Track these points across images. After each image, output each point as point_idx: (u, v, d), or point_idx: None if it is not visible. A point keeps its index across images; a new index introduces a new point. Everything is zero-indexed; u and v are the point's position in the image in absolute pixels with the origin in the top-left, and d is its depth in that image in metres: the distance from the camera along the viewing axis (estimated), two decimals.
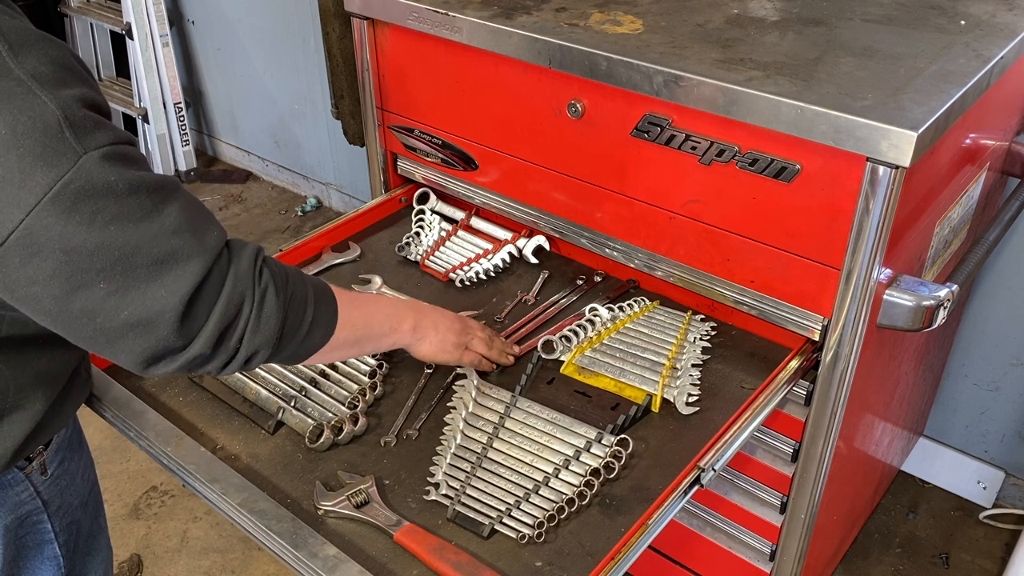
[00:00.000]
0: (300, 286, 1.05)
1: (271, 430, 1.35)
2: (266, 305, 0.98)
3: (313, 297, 1.07)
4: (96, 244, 0.87)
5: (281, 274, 1.02)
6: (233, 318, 0.96)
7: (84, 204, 0.85)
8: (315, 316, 1.06)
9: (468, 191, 1.79)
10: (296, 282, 1.04)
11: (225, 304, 0.94)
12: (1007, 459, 2.33)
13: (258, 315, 0.97)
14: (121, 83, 4.09)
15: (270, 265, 1.01)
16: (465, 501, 1.23)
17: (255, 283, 0.97)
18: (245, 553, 2.31)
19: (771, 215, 1.37)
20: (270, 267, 1.00)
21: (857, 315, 1.34)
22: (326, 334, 1.10)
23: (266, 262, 1.00)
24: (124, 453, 2.61)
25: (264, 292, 0.98)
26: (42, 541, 1.24)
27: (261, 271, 0.98)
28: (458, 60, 1.64)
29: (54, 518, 1.24)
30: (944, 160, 1.42)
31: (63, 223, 0.85)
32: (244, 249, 0.99)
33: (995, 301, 2.17)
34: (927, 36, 1.45)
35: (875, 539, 2.30)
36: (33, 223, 0.84)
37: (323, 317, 1.09)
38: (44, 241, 0.85)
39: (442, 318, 1.36)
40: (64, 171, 0.84)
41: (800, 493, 1.56)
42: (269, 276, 0.99)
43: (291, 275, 1.04)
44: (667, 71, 1.34)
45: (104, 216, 0.86)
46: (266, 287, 0.98)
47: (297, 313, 1.03)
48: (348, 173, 3.64)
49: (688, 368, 1.46)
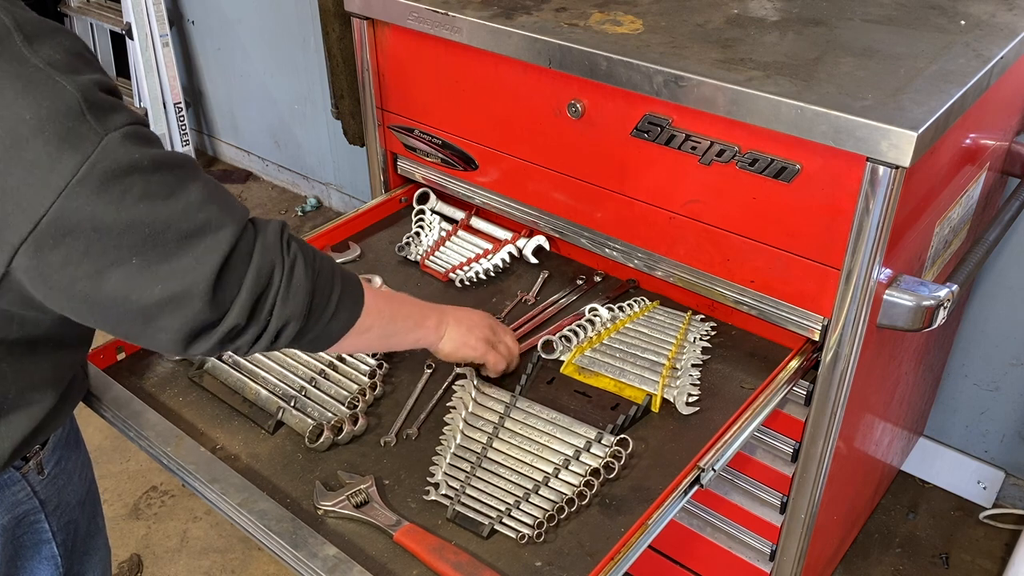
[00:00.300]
0: (327, 262, 1.07)
1: (271, 430, 1.35)
2: (296, 274, 0.99)
3: (340, 276, 1.08)
4: (127, 222, 0.88)
5: (308, 248, 1.04)
6: (265, 287, 0.97)
7: (112, 183, 0.87)
8: (342, 295, 1.08)
9: (468, 191, 1.79)
10: (323, 259, 1.06)
11: (256, 272, 0.96)
12: (1007, 459, 2.33)
13: (288, 284, 0.99)
14: (121, 83, 4.08)
15: (296, 239, 1.03)
16: (465, 501, 1.23)
17: (284, 252, 0.99)
18: (245, 553, 2.31)
19: (771, 215, 1.37)
20: (296, 240, 1.02)
21: (857, 315, 1.34)
22: (352, 316, 1.11)
23: (292, 236, 1.02)
24: (124, 453, 2.61)
25: (294, 261, 0.99)
26: (40, 541, 1.24)
27: (289, 242, 1.00)
28: (458, 60, 1.64)
29: (51, 517, 1.24)
30: (944, 160, 1.42)
31: (92, 203, 0.86)
32: (269, 223, 1.01)
33: (995, 301, 2.17)
34: (927, 36, 1.45)
35: (875, 539, 2.30)
36: (64, 205, 0.85)
37: (349, 298, 1.10)
38: (76, 222, 0.86)
39: (468, 315, 1.38)
40: (89, 152, 0.86)
41: (800, 493, 1.56)
42: (297, 247, 1.01)
43: (317, 252, 1.06)
44: (667, 71, 1.34)
45: (133, 194, 0.88)
46: (295, 257, 1.00)
47: (324, 289, 1.05)
48: (348, 173, 3.64)
49: (688, 368, 1.46)
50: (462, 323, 1.35)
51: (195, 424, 1.37)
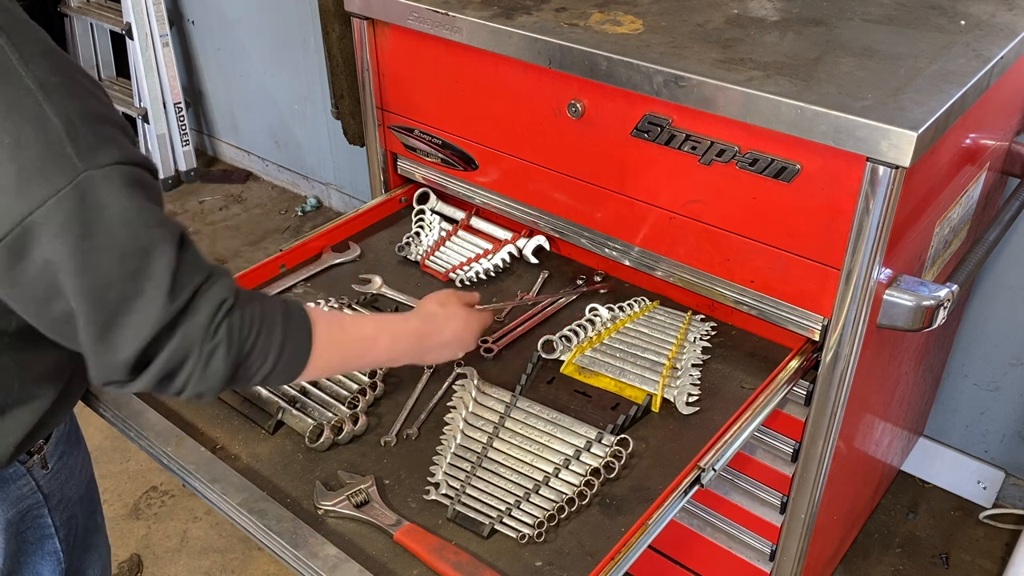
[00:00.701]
0: (266, 336, 1.00)
1: (271, 430, 1.35)
2: (213, 362, 0.96)
3: (280, 343, 1.02)
4: (74, 267, 0.87)
5: (245, 327, 0.98)
6: (176, 369, 0.95)
7: (73, 225, 0.85)
8: (276, 365, 1.03)
9: (468, 191, 1.79)
10: (264, 332, 1.00)
11: (170, 355, 0.94)
12: (1007, 459, 2.33)
13: (203, 370, 0.96)
14: (121, 83, 4.08)
15: (233, 319, 0.97)
16: (465, 501, 1.23)
17: (206, 339, 0.95)
18: (245, 553, 2.31)
19: (771, 215, 1.37)
20: (231, 322, 0.97)
21: (857, 315, 1.34)
22: (291, 375, 1.07)
23: (230, 314, 0.97)
24: (124, 453, 2.61)
25: (214, 350, 0.95)
26: (43, 536, 1.24)
27: (219, 327, 0.96)
28: (458, 60, 1.64)
29: (54, 512, 1.24)
30: (944, 160, 1.42)
31: (48, 240, 0.86)
32: (208, 301, 0.96)
33: (995, 301, 2.17)
34: (927, 36, 1.45)
35: (875, 539, 2.30)
36: (22, 233, 0.85)
37: (290, 362, 1.05)
38: (30, 249, 0.86)
39: (446, 331, 1.30)
40: (60, 186, 0.85)
41: (800, 493, 1.56)
42: (225, 333, 0.96)
43: (258, 325, 1.00)
44: (667, 71, 1.34)
45: (91, 243, 0.87)
46: (217, 345, 0.96)
47: (254, 363, 1.00)
48: (348, 173, 3.64)
49: (688, 368, 1.46)
50: (446, 347, 1.31)
51: (195, 424, 1.37)
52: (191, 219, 3.80)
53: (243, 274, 1.65)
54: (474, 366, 1.46)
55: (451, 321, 1.30)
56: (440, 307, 1.31)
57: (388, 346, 1.22)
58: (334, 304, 1.60)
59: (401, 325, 1.26)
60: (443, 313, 1.30)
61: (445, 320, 1.30)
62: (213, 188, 4.04)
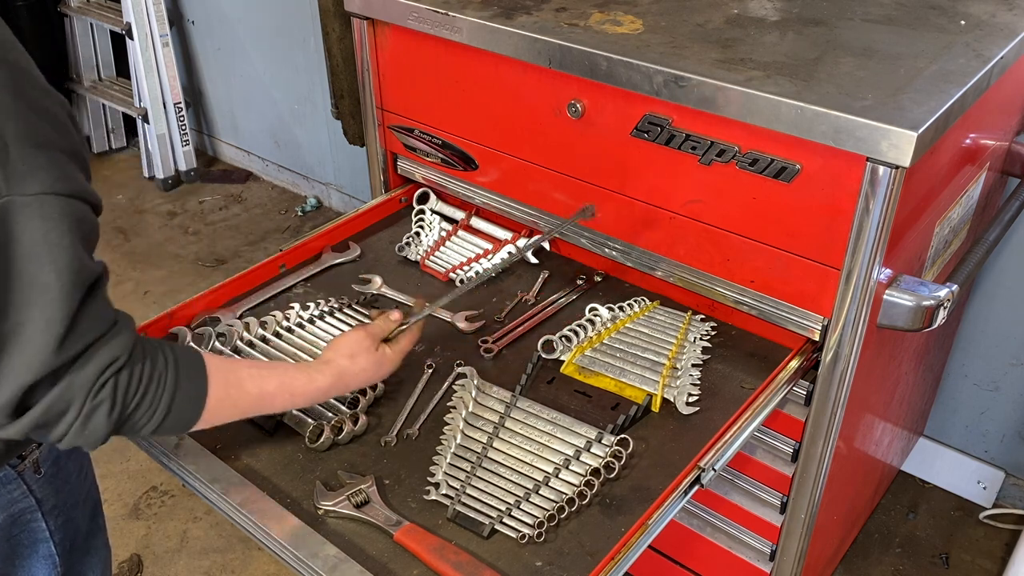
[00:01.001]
0: (153, 396, 0.99)
1: (271, 430, 1.35)
2: (94, 419, 0.94)
3: (168, 404, 1.01)
4: None
5: (132, 388, 0.96)
6: (54, 420, 0.93)
7: None
8: (163, 422, 1.01)
9: (468, 191, 1.79)
10: (152, 392, 0.98)
11: (46, 407, 0.91)
12: (1007, 459, 2.33)
13: (83, 425, 0.94)
14: (121, 83, 4.08)
15: (120, 379, 0.95)
16: (465, 501, 1.23)
17: (89, 396, 0.93)
18: (245, 553, 2.31)
19: (771, 215, 1.37)
20: (118, 381, 0.94)
21: (857, 315, 1.34)
22: (182, 429, 1.06)
23: (119, 374, 0.94)
24: (124, 453, 2.61)
25: (96, 407, 0.93)
26: (36, 540, 1.24)
27: (103, 386, 0.93)
28: (458, 60, 1.64)
29: (48, 517, 1.23)
30: (944, 160, 1.42)
31: None
32: (99, 357, 0.93)
33: (995, 301, 2.17)
34: (927, 36, 1.45)
35: (875, 539, 2.30)
36: None
37: (179, 419, 1.03)
38: None
39: (356, 383, 1.28)
40: None
41: (800, 493, 1.56)
42: (109, 392, 0.94)
43: (145, 385, 0.98)
44: (667, 71, 1.34)
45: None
46: (98, 405, 0.93)
47: (140, 420, 0.99)
48: (348, 173, 3.64)
49: (688, 368, 1.46)
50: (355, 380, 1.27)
51: None
52: (191, 219, 3.80)
53: (243, 274, 1.65)
54: (474, 366, 1.47)
55: (362, 374, 1.26)
56: (349, 360, 1.25)
57: (286, 402, 1.20)
58: (334, 304, 1.61)
59: (306, 385, 1.20)
60: (352, 368, 1.25)
61: (355, 375, 1.26)
62: (213, 188, 4.04)
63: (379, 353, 1.29)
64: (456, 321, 1.59)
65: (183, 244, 3.64)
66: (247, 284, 1.65)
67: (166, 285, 3.38)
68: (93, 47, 4.07)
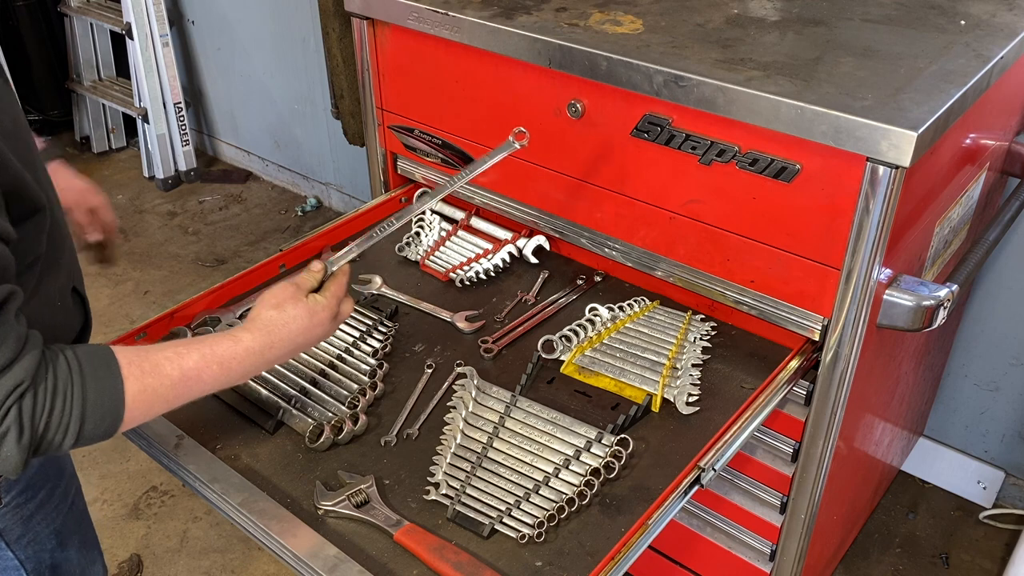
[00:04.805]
0: (61, 412, 0.97)
1: (271, 430, 1.35)
2: (4, 447, 0.93)
3: (80, 415, 0.98)
4: None
5: (38, 410, 0.94)
6: None
7: None
8: (80, 433, 0.98)
9: (468, 191, 1.79)
10: (59, 408, 0.96)
11: None
12: (1007, 459, 2.33)
13: None
14: (121, 83, 4.09)
15: (24, 404, 0.93)
16: (465, 501, 1.23)
17: None
18: (245, 553, 2.31)
19: (771, 215, 1.37)
20: (22, 407, 0.93)
21: (857, 315, 1.34)
22: (106, 434, 1.02)
23: (22, 399, 0.93)
24: (124, 453, 2.61)
25: (3, 435, 0.92)
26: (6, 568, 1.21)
27: (6, 414, 0.92)
28: (458, 60, 1.64)
29: (15, 546, 1.20)
30: (944, 160, 1.42)
31: None
32: (2, 385, 0.92)
33: (995, 301, 2.17)
34: (927, 36, 1.45)
35: (875, 539, 2.30)
36: None
37: (98, 425, 1.00)
38: None
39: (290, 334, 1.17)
40: None
41: (800, 493, 1.56)
42: (15, 419, 0.92)
43: (51, 403, 0.96)
44: (667, 71, 1.34)
45: None
46: (6, 431, 0.92)
47: (55, 438, 0.96)
48: (348, 173, 3.64)
49: (688, 368, 1.46)
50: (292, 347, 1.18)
51: (195, 424, 1.37)
52: (191, 219, 3.80)
53: (243, 274, 1.65)
54: (474, 366, 1.47)
55: (292, 323, 1.16)
56: (276, 310, 1.16)
57: (218, 374, 1.09)
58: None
59: (231, 348, 1.11)
60: (279, 317, 1.16)
61: (284, 324, 1.16)
62: (213, 188, 4.04)
63: (308, 301, 1.19)
64: (456, 321, 1.59)
65: (183, 244, 3.64)
66: (247, 284, 1.65)
67: (166, 285, 3.38)
68: (93, 47, 4.08)
